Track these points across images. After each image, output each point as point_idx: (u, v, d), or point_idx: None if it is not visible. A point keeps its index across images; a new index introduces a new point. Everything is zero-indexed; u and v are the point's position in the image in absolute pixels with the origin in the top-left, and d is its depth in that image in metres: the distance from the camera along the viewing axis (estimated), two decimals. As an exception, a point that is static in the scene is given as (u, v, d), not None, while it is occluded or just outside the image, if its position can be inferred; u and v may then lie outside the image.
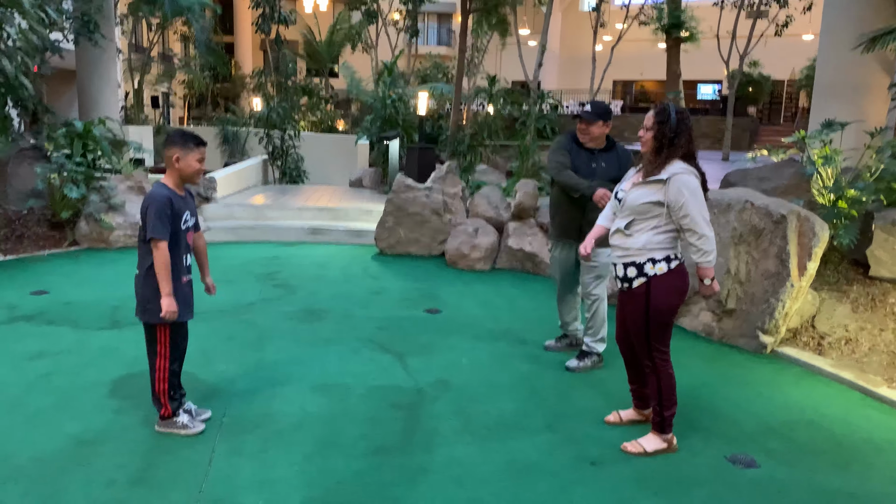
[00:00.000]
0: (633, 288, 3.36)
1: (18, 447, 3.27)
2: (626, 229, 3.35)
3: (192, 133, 3.32)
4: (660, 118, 3.31)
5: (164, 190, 3.26)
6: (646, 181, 3.31)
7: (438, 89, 17.35)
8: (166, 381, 3.38)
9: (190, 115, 31.79)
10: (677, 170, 3.25)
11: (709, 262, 3.29)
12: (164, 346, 3.34)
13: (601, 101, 4.53)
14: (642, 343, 3.42)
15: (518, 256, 7.32)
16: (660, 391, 3.44)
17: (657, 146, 3.30)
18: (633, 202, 3.34)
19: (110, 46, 15.23)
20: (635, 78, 34.27)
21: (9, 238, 7.52)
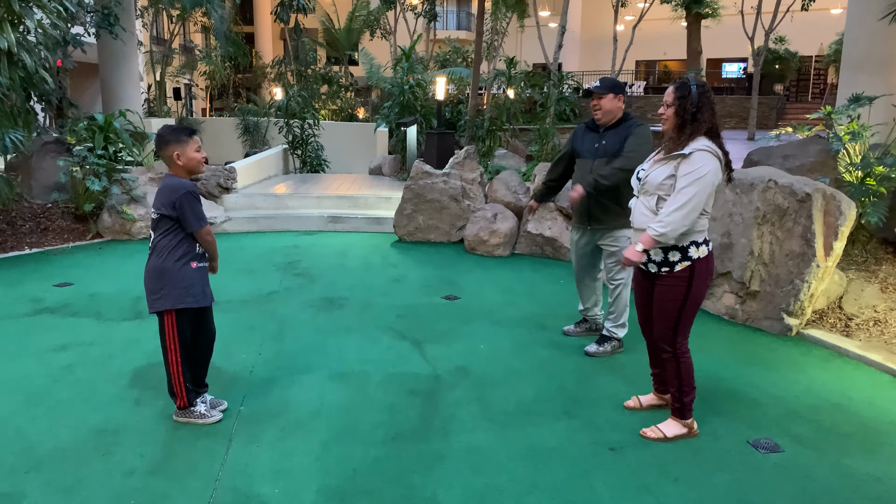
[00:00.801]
0: (674, 272, 3.25)
1: (41, 438, 3.32)
2: (656, 210, 3.24)
3: (180, 126, 3.36)
4: (680, 93, 3.21)
5: (183, 181, 3.27)
6: (667, 156, 3.22)
7: (457, 73, 17.22)
8: (180, 374, 3.39)
9: (212, 106, 32.03)
10: (700, 146, 3.16)
11: (657, 234, 3.13)
12: (172, 340, 3.35)
13: (611, 77, 4.45)
14: (670, 328, 3.32)
15: (538, 241, 7.26)
16: (679, 376, 3.37)
17: (679, 122, 3.20)
18: (654, 179, 3.25)
19: (131, 39, 15.36)
20: (658, 58, 33.71)
21: (34, 231, 7.64)
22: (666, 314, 3.32)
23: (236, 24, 28.73)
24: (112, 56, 15.28)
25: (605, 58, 24.10)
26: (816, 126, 6.57)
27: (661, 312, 3.34)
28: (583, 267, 4.66)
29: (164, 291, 3.30)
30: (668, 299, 3.29)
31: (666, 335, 3.35)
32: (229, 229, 8.55)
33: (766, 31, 19.40)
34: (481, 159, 10.54)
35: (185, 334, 3.40)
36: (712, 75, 32.61)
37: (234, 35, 25.15)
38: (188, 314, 3.40)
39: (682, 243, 3.23)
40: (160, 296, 3.31)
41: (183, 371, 3.42)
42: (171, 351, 3.36)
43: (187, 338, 3.43)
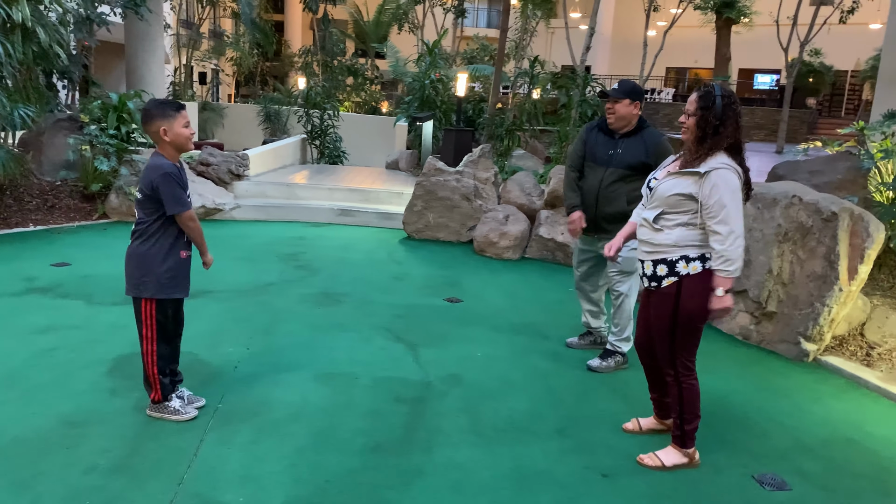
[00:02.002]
0: (661, 288, 3.02)
1: (6, 426, 3.17)
2: (655, 223, 3.02)
3: (168, 100, 3.16)
4: (703, 103, 2.94)
5: (166, 162, 3.09)
6: (681, 171, 2.98)
7: (481, 71, 16.98)
8: (155, 364, 3.24)
9: (238, 92, 32.08)
10: (718, 164, 2.89)
11: (729, 273, 2.89)
12: (149, 328, 3.19)
13: (630, 80, 4.20)
14: (666, 349, 3.09)
15: (549, 246, 7.03)
16: (681, 403, 3.13)
17: (700, 135, 2.94)
18: (663, 192, 3.00)
19: (157, 21, 15.31)
20: (689, 65, 33.19)
21: (40, 208, 7.56)
22: (659, 334, 3.11)
23: (266, 12, 28.75)
24: (137, 37, 15.23)
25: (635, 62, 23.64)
26: (847, 142, 6.27)
27: (657, 332, 3.13)
28: (584, 274, 4.45)
29: (146, 279, 3.14)
30: (658, 318, 3.08)
31: (664, 356, 3.12)
32: (238, 217, 8.41)
33: (802, 43, 18.93)
34: (499, 159, 10.32)
35: (164, 323, 3.24)
36: (743, 85, 32.05)
37: (262, 22, 25.14)
38: (170, 304, 3.25)
39: (670, 256, 2.99)
40: (141, 282, 3.15)
41: (159, 362, 3.26)
42: (147, 340, 3.20)
43: (167, 327, 3.27)
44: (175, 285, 3.21)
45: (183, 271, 3.25)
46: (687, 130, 3.00)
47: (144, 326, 3.19)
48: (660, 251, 3.02)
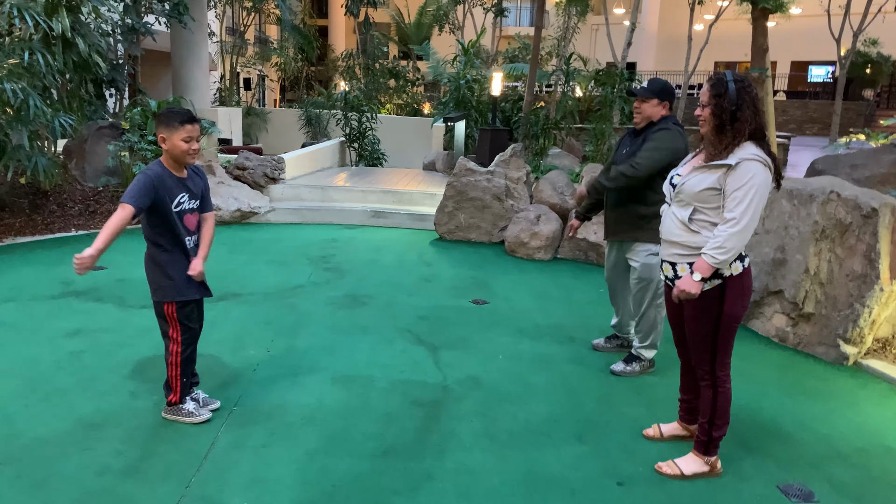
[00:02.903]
0: (704, 292, 2.86)
1: (27, 426, 3.25)
2: (691, 224, 2.88)
3: (179, 110, 3.13)
4: (716, 90, 2.82)
5: (157, 167, 3.10)
6: (709, 164, 2.84)
7: (519, 70, 16.83)
8: (179, 365, 3.27)
9: (283, 97, 32.60)
10: (747, 154, 2.76)
11: (716, 261, 2.75)
12: (175, 329, 3.22)
13: (662, 79, 4.06)
14: (706, 354, 2.96)
15: (581, 246, 6.89)
16: (714, 408, 3.00)
17: (717, 124, 2.82)
18: (691, 188, 2.87)
19: (201, 29, 15.66)
20: (738, 59, 32.25)
21: (83, 213, 7.78)
22: (698, 338, 2.97)
23: (310, 17, 29.13)
24: (182, 45, 15.61)
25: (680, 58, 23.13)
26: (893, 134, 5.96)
27: (694, 336, 2.99)
28: (613, 279, 4.34)
29: (162, 283, 3.18)
30: (699, 322, 2.93)
31: (702, 361, 2.99)
32: (272, 220, 8.51)
33: (855, 33, 18.21)
34: (534, 158, 10.19)
35: (191, 325, 3.27)
36: (797, 78, 31.07)
37: (306, 27, 25.49)
38: (192, 304, 3.28)
39: None
40: (159, 287, 3.19)
41: (184, 364, 3.29)
42: (174, 342, 3.23)
43: (195, 328, 3.31)
44: (189, 286, 3.22)
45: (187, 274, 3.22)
46: (704, 122, 2.88)
47: (171, 329, 3.22)
48: (699, 253, 2.85)
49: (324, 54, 29.91)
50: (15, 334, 4.41)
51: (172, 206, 3.11)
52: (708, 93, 2.85)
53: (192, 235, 3.25)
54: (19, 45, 6.71)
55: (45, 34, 7.06)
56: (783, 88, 30.24)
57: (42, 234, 7.16)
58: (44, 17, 6.88)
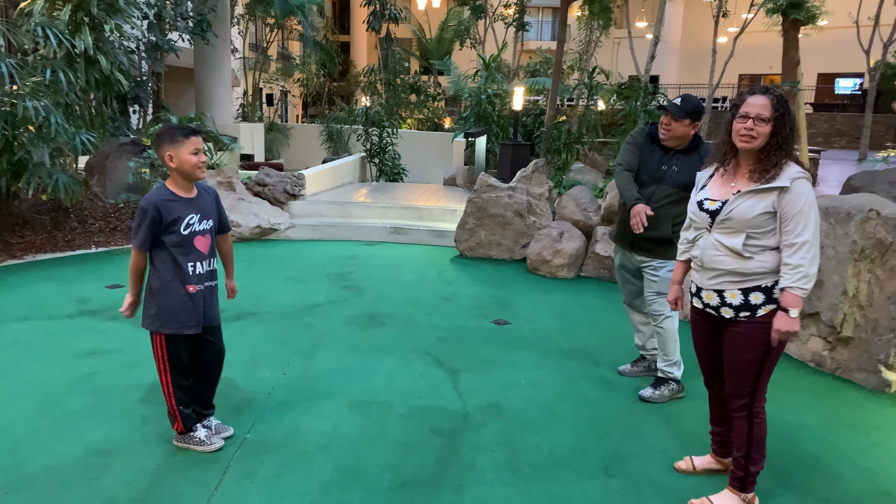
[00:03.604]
0: (756, 318, 2.70)
1: (35, 453, 3.15)
2: (745, 251, 2.67)
3: (180, 125, 3.06)
4: (780, 109, 2.63)
5: (155, 195, 2.99)
6: (760, 188, 2.64)
7: (541, 84, 16.72)
8: (172, 395, 3.15)
9: (306, 112, 32.80)
10: (795, 173, 2.62)
11: (806, 291, 2.60)
12: (162, 361, 3.09)
13: (695, 97, 3.89)
14: (748, 384, 2.77)
15: (606, 264, 6.72)
16: (750, 441, 2.82)
17: (774, 144, 2.64)
18: (743, 215, 2.66)
19: (224, 46, 15.78)
20: (763, 72, 31.90)
21: (103, 230, 7.77)
22: (743, 367, 2.77)
23: (333, 34, 29.34)
24: (206, 61, 15.73)
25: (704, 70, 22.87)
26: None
27: (738, 365, 2.79)
28: (626, 293, 4.19)
29: (152, 312, 3.06)
30: (747, 350, 2.74)
31: (742, 392, 2.80)
32: (292, 236, 8.44)
33: (885, 44, 17.86)
34: (556, 173, 10.04)
35: (178, 357, 3.12)
36: (823, 91, 30.59)
37: (328, 44, 25.64)
38: (181, 337, 3.10)
39: (766, 282, 2.68)
40: (149, 315, 3.07)
41: (176, 393, 3.16)
42: (161, 372, 3.12)
43: (182, 361, 3.14)
44: (177, 321, 3.05)
45: (188, 306, 3.06)
46: (754, 138, 2.64)
47: (158, 360, 3.11)
48: (753, 279, 2.70)
49: (346, 70, 30.08)
50: (29, 354, 4.34)
51: (181, 228, 3.00)
52: (771, 108, 2.63)
53: (205, 260, 3.10)
54: (42, 62, 6.73)
55: (68, 52, 7.09)
56: (810, 101, 29.80)
57: (62, 251, 7.15)
58: (67, 35, 6.90)
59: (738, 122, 2.68)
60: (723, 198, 2.75)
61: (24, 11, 7.10)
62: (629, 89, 12.51)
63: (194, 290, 3.07)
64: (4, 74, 6.23)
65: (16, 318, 5.04)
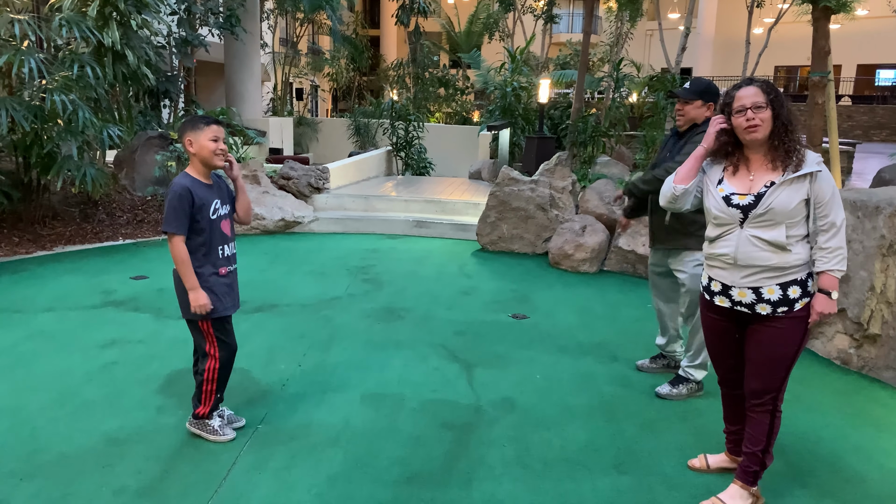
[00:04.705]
0: (793, 312, 2.63)
1: (51, 441, 3.21)
2: (789, 243, 2.59)
3: (204, 116, 3.11)
4: (771, 93, 2.61)
5: (184, 180, 3.04)
6: (796, 176, 2.58)
7: (568, 77, 16.55)
8: (215, 381, 3.20)
9: (336, 107, 32.97)
10: (816, 156, 2.61)
11: (843, 271, 2.60)
12: (212, 346, 3.16)
13: (706, 79, 3.83)
14: (777, 379, 2.69)
15: (629, 259, 6.62)
16: (770, 435, 2.75)
17: (780, 127, 2.60)
18: (784, 207, 2.57)
19: (253, 40, 15.93)
20: (801, 63, 31.18)
21: (130, 222, 7.90)
22: (777, 363, 2.69)
23: (362, 28, 29.42)
24: (235, 56, 15.90)
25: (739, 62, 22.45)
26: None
27: (772, 362, 2.69)
28: (658, 291, 4.12)
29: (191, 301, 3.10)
30: (783, 345, 2.66)
31: (771, 387, 2.72)
32: (316, 229, 8.49)
33: (928, 34, 17.26)
34: (582, 166, 9.93)
35: (226, 339, 3.20)
36: (863, 82, 29.80)
37: (357, 38, 25.72)
38: (227, 319, 3.21)
39: (801, 275, 2.63)
40: (188, 305, 3.11)
41: (220, 378, 3.22)
42: (211, 357, 3.17)
43: (230, 343, 3.23)
44: (222, 304, 3.15)
45: (222, 289, 3.16)
46: (760, 126, 2.59)
47: (208, 345, 3.16)
48: (791, 272, 2.62)
49: (375, 64, 30.14)
50: (52, 344, 4.43)
51: (210, 213, 3.05)
52: (763, 95, 2.60)
53: (230, 242, 3.21)
54: (70, 57, 6.84)
55: (96, 47, 7.20)
56: (848, 93, 29.05)
57: (91, 243, 7.28)
58: (95, 30, 7.00)
59: (738, 117, 2.64)
60: (749, 191, 2.66)
61: (54, 7, 7.23)
62: (659, 81, 12.31)
63: (225, 273, 3.16)
64: (34, 69, 6.34)
65: (42, 308, 5.14)
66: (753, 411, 2.78)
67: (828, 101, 6.51)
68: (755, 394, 2.76)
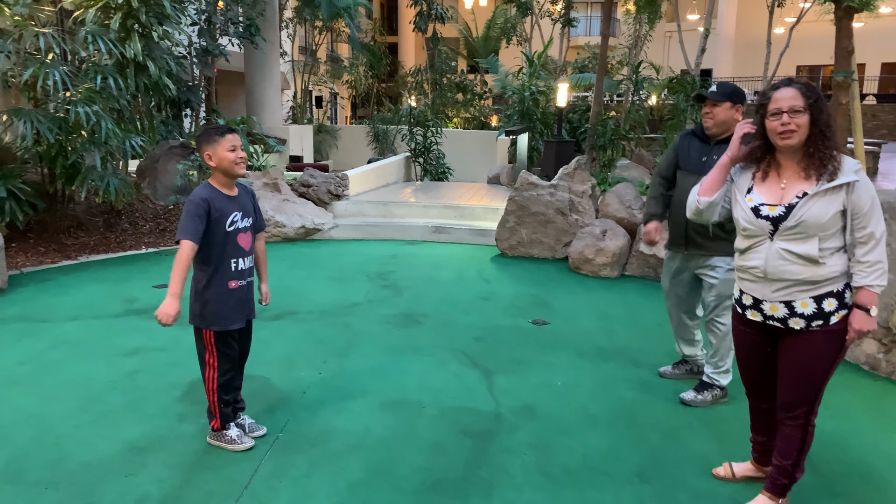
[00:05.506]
0: (829, 325, 2.52)
1: (76, 449, 3.24)
2: (822, 256, 2.48)
3: (216, 126, 3.12)
4: (811, 96, 2.46)
5: (204, 191, 3.06)
6: (831, 187, 2.45)
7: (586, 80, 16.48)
8: (215, 392, 3.20)
9: (354, 114, 33.14)
10: (856, 165, 2.47)
11: (883, 286, 2.49)
12: (211, 356, 3.16)
13: (731, 82, 3.79)
14: (811, 393, 2.60)
15: (650, 263, 6.56)
16: (802, 450, 2.68)
17: (817, 133, 2.46)
18: (817, 219, 2.45)
19: (273, 49, 16.06)
20: (824, 63, 30.75)
21: (153, 231, 7.99)
22: (810, 378, 2.59)
23: (381, 35, 29.56)
24: (255, 65, 16.04)
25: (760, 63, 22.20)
26: None
27: (805, 376, 2.60)
28: (677, 298, 4.01)
29: (198, 310, 3.12)
30: (817, 359, 2.56)
31: (804, 401, 2.63)
32: (335, 236, 8.52)
33: (954, 30, 16.95)
34: (601, 170, 9.88)
35: (226, 353, 3.20)
36: (887, 81, 29.34)
37: (375, 45, 25.84)
38: (231, 333, 3.20)
39: (837, 287, 2.52)
40: (195, 313, 3.13)
41: (220, 391, 3.22)
42: (209, 367, 3.18)
43: (230, 356, 3.22)
44: (228, 317, 3.14)
45: (230, 302, 3.14)
46: (795, 132, 2.47)
47: (208, 354, 3.17)
48: (826, 284, 2.51)
49: (394, 71, 30.26)
50: (76, 352, 4.48)
51: (227, 225, 3.06)
52: (802, 97, 2.46)
53: (247, 256, 3.19)
54: (93, 69, 6.94)
55: (119, 59, 7.30)
56: (873, 92, 28.60)
57: (114, 252, 7.37)
58: (117, 42, 7.10)
59: (772, 119, 2.51)
60: (780, 201, 2.54)
61: (78, 20, 7.35)
62: (678, 83, 12.22)
63: (236, 286, 3.14)
64: (58, 81, 6.44)
65: (66, 317, 5.21)
66: (785, 424, 2.69)
67: (852, 102, 6.41)
68: (787, 407, 2.67)
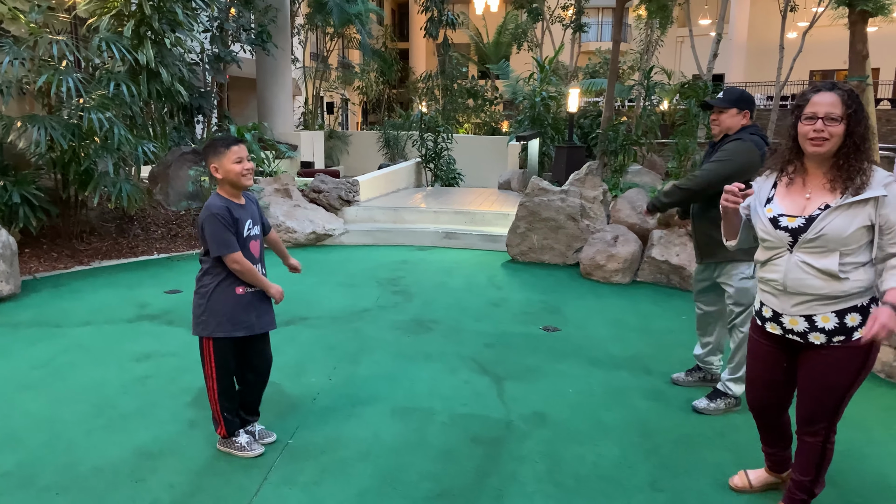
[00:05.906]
0: (851, 341, 2.42)
1: (87, 454, 3.24)
2: (843, 272, 2.38)
3: (222, 137, 3.10)
4: (853, 105, 2.34)
5: (219, 200, 3.05)
6: (856, 200, 2.34)
7: (598, 85, 16.45)
8: (217, 401, 3.19)
9: (366, 119, 33.24)
10: (886, 178, 2.34)
11: None
12: (209, 366, 3.14)
13: (738, 88, 3.78)
14: (831, 410, 2.53)
15: (663, 269, 6.51)
16: (821, 466, 2.63)
17: (850, 146, 2.35)
18: (839, 233, 2.35)
19: (284, 56, 16.15)
20: (837, 67, 30.55)
21: (165, 237, 8.02)
22: (829, 394, 2.51)
23: (392, 41, 29.65)
24: (267, 71, 16.13)
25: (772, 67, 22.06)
26: None
27: (824, 393, 2.51)
28: (705, 297, 4.00)
29: (203, 317, 3.11)
30: (838, 375, 2.48)
31: (823, 418, 2.55)
32: (346, 241, 8.52)
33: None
34: (613, 175, 9.84)
35: (226, 363, 3.16)
36: (903, 86, 29.07)
37: (387, 51, 25.93)
38: (229, 342, 3.15)
39: (862, 301, 2.41)
40: (199, 320, 3.12)
41: (221, 399, 3.20)
42: (208, 377, 3.17)
43: (230, 366, 3.19)
44: (230, 323, 3.10)
45: (238, 309, 3.11)
46: (828, 140, 2.35)
47: (206, 364, 3.15)
48: (849, 299, 2.42)
49: (405, 76, 30.34)
50: (88, 357, 4.50)
51: (242, 234, 3.07)
52: (842, 105, 2.34)
53: (257, 264, 3.17)
54: (106, 76, 7.00)
55: (132, 65, 7.35)
56: (888, 96, 28.38)
57: (126, 258, 7.41)
58: (130, 49, 7.15)
59: (806, 124, 2.39)
60: (801, 212, 2.44)
61: (92, 27, 7.41)
62: (690, 89, 12.16)
63: (243, 293, 3.12)
64: (72, 88, 6.49)
65: (79, 322, 5.23)
66: (804, 439, 2.64)
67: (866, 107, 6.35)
68: (806, 422, 2.61)
